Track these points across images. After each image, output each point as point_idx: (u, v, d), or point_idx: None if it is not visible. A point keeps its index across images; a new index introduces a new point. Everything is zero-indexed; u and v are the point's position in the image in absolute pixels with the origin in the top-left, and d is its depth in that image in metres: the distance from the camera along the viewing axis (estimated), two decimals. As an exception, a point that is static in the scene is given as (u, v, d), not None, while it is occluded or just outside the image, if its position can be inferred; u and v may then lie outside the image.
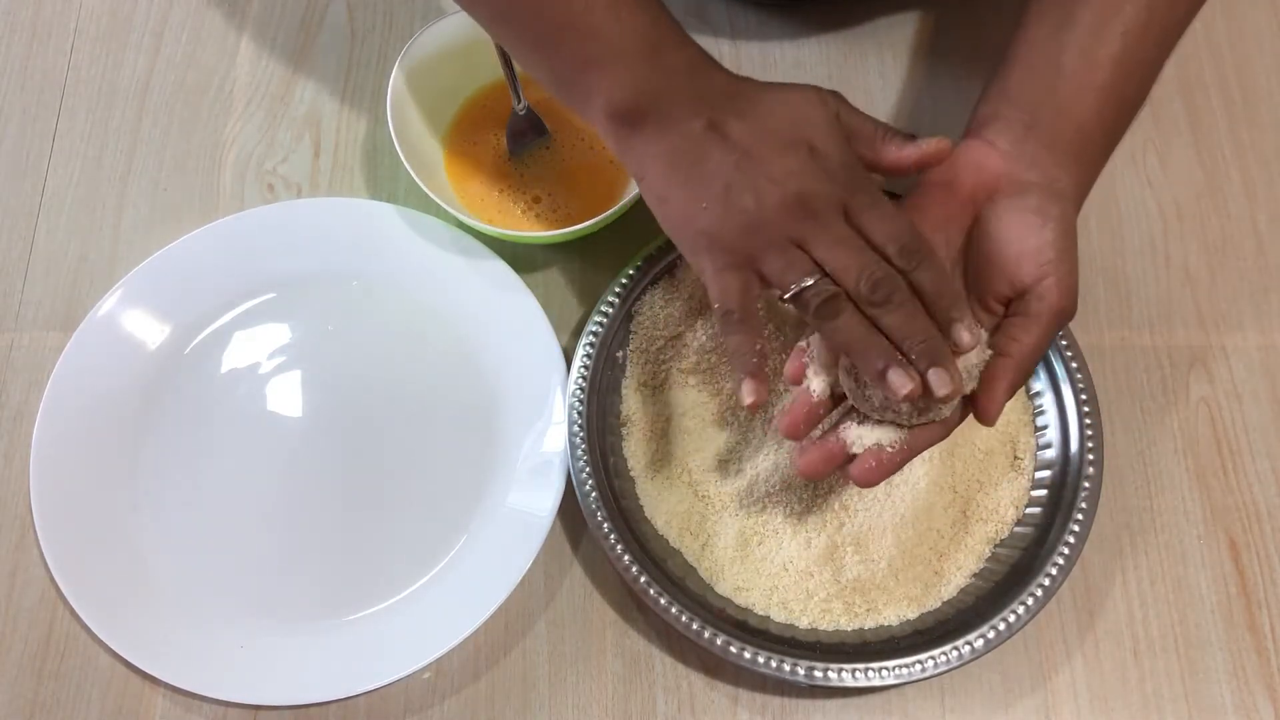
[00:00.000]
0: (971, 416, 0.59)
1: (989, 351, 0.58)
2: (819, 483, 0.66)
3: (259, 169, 0.78)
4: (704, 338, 0.69)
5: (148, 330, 0.72)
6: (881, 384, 0.54)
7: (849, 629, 0.64)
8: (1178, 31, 0.62)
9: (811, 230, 0.55)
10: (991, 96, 0.62)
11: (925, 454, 0.65)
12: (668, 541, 0.67)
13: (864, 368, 0.55)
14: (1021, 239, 0.58)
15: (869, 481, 0.57)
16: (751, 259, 0.56)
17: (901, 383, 0.54)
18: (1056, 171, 0.59)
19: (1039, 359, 0.58)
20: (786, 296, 0.55)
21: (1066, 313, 0.58)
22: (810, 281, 0.55)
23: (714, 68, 0.58)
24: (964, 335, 0.55)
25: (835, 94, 0.58)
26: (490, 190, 0.75)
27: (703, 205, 0.56)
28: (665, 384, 0.69)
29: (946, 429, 0.58)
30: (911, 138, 0.58)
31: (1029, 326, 0.57)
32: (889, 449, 0.57)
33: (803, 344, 0.59)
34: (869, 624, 0.65)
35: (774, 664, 0.62)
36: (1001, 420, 0.68)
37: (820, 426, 0.60)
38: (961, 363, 0.56)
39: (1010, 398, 0.57)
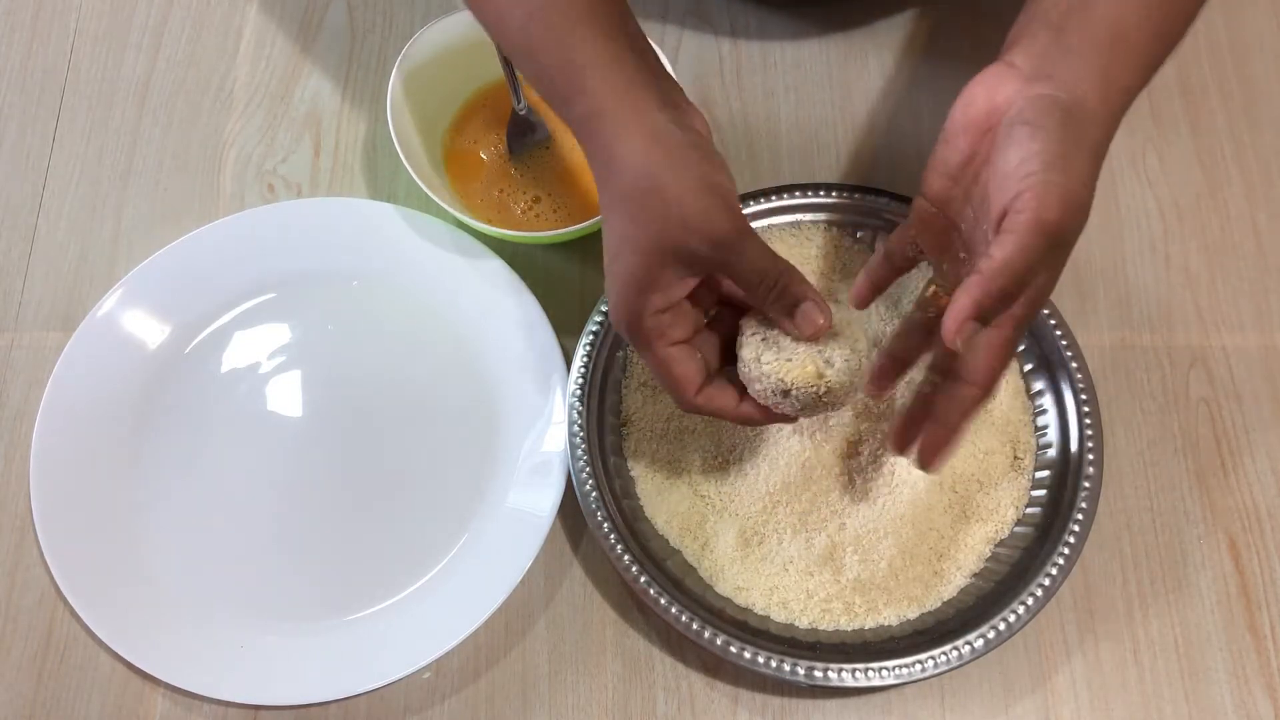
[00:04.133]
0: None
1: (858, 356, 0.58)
2: (819, 482, 0.66)
3: (259, 169, 0.78)
4: (704, 338, 0.69)
5: (148, 330, 0.72)
6: None
7: (849, 629, 0.64)
8: None
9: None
10: (1020, 19, 0.58)
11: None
12: (668, 541, 0.67)
13: None
14: (1011, 156, 0.52)
15: (936, 466, 0.58)
16: None
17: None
18: (1078, 76, 0.53)
19: (1021, 277, 0.50)
20: None
21: (1050, 226, 0.50)
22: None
23: (616, 153, 0.55)
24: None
25: (717, 218, 0.54)
26: (490, 190, 0.75)
27: None
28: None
29: (979, 390, 0.56)
30: (799, 301, 0.57)
31: (1002, 241, 0.50)
32: (938, 431, 0.57)
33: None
34: (869, 624, 0.65)
35: (774, 664, 0.62)
36: (1001, 420, 0.68)
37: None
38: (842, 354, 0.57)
39: (979, 316, 0.50)
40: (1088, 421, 0.67)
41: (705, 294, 0.59)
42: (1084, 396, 0.67)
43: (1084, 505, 0.65)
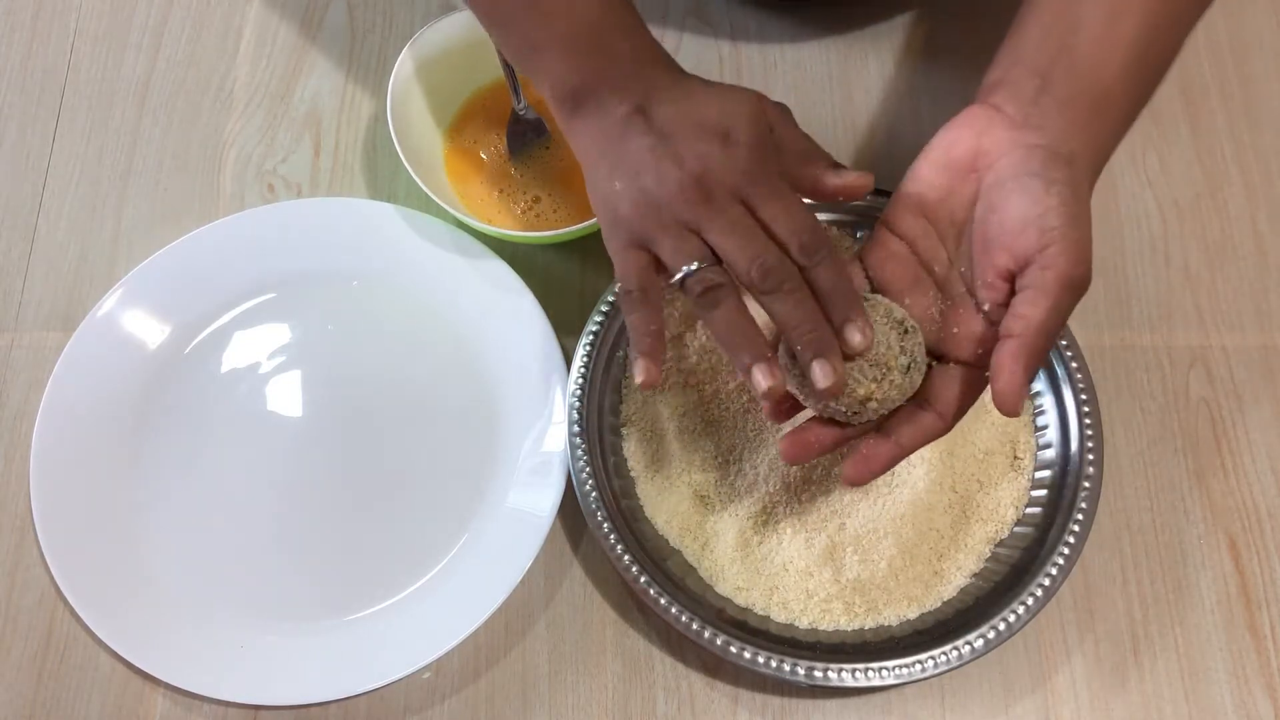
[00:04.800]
0: (975, 412, 0.58)
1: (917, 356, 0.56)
2: (819, 482, 0.66)
3: (259, 169, 0.78)
4: (704, 338, 0.69)
5: (148, 330, 0.72)
6: (747, 380, 0.54)
7: (849, 629, 0.64)
8: None
9: (706, 214, 0.54)
10: (1002, 60, 0.58)
11: (925, 454, 0.66)
12: (668, 541, 0.67)
13: (736, 363, 0.55)
14: (1023, 207, 0.53)
15: (857, 480, 0.56)
16: (649, 239, 0.56)
17: (762, 379, 0.53)
18: (1069, 132, 0.55)
19: (1055, 334, 0.54)
20: (672, 281, 0.55)
21: (1078, 281, 0.53)
22: (695, 266, 0.54)
23: (659, 60, 0.59)
24: (855, 336, 0.54)
25: (779, 105, 0.59)
26: (490, 190, 0.75)
27: (616, 185, 0.56)
28: (665, 384, 0.69)
29: (943, 424, 0.56)
30: (839, 166, 0.58)
31: (1036, 300, 0.53)
32: (887, 444, 0.56)
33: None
34: (869, 624, 0.65)
35: (774, 664, 0.62)
36: (1001, 420, 0.68)
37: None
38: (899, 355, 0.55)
39: (1030, 379, 0.53)
40: (1088, 421, 0.67)
41: None
42: (1084, 396, 0.67)
43: (1084, 505, 0.65)
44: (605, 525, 0.64)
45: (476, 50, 0.73)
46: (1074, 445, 0.67)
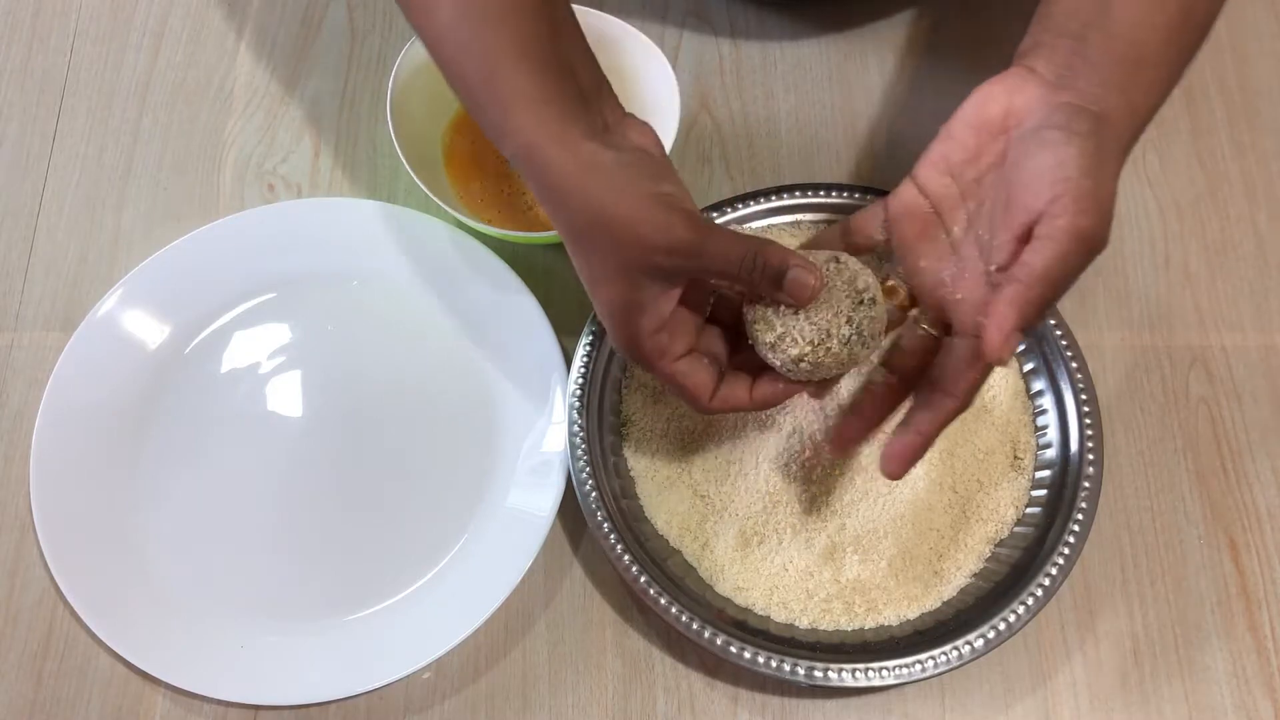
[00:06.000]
0: (975, 411, 0.58)
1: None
2: (819, 482, 0.66)
3: (259, 169, 0.78)
4: (704, 338, 0.69)
5: (148, 330, 0.72)
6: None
7: (849, 629, 0.64)
8: None
9: None
10: (1036, 24, 0.56)
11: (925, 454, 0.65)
12: (668, 541, 0.67)
13: None
14: (1041, 159, 0.51)
15: (895, 473, 0.57)
16: None
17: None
18: (1102, 91, 0.53)
19: (1059, 285, 0.51)
20: None
21: (1086, 233, 0.50)
22: None
23: (555, 188, 0.54)
24: None
25: (666, 236, 0.53)
26: (490, 190, 0.75)
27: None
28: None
29: (957, 402, 0.55)
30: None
31: (1040, 248, 0.50)
32: (909, 437, 0.56)
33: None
34: (869, 624, 0.65)
35: (774, 664, 0.62)
36: (1001, 420, 0.68)
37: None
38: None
39: (1022, 326, 0.50)
40: (1088, 421, 0.67)
41: (696, 293, 0.58)
42: (1084, 396, 0.67)
43: (1084, 505, 0.65)
44: (605, 525, 0.64)
45: (476, 50, 0.73)
46: (1074, 445, 0.67)
